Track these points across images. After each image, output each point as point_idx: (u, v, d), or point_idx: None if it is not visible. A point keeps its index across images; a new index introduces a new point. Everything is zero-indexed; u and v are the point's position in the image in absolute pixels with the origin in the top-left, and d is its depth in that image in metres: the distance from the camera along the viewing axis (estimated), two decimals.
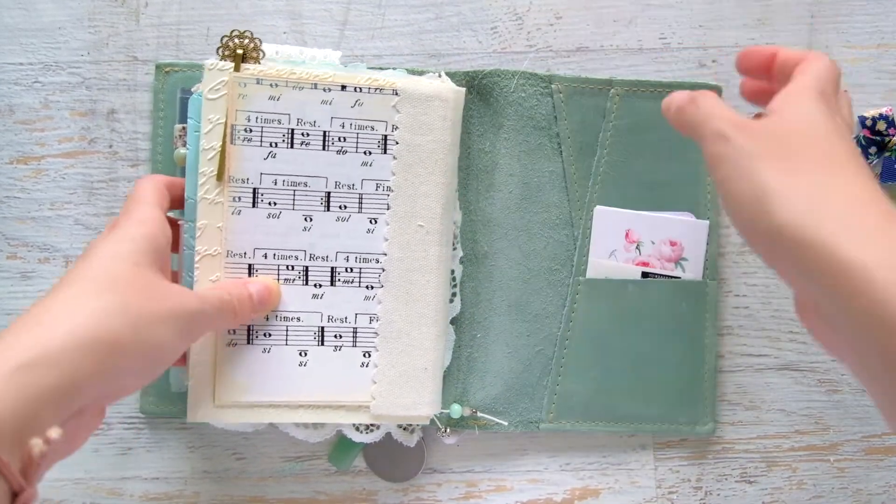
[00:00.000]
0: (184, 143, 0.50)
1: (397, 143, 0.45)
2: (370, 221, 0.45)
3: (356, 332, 0.45)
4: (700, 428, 0.51)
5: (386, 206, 0.45)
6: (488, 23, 0.52)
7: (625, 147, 0.50)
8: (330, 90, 0.44)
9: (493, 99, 0.50)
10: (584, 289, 0.50)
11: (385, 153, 0.45)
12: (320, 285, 0.45)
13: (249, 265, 0.43)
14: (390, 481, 0.51)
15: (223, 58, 0.43)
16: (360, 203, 0.45)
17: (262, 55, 0.43)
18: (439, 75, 0.48)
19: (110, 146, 0.51)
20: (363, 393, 0.46)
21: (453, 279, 0.49)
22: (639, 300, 0.50)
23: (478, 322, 0.50)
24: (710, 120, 0.33)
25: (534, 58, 0.52)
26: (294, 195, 0.44)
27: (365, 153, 0.45)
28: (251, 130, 0.43)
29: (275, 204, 0.44)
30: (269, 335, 0.44)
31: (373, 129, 0.45)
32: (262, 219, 0.44)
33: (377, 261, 0.45)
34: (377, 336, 0.46)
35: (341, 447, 0.50)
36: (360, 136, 0.44)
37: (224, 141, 0.42)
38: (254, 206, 0.43)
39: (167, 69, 0.50)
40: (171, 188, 0.42)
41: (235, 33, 0.42)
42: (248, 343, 0.44)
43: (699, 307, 0.50)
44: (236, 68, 0.42)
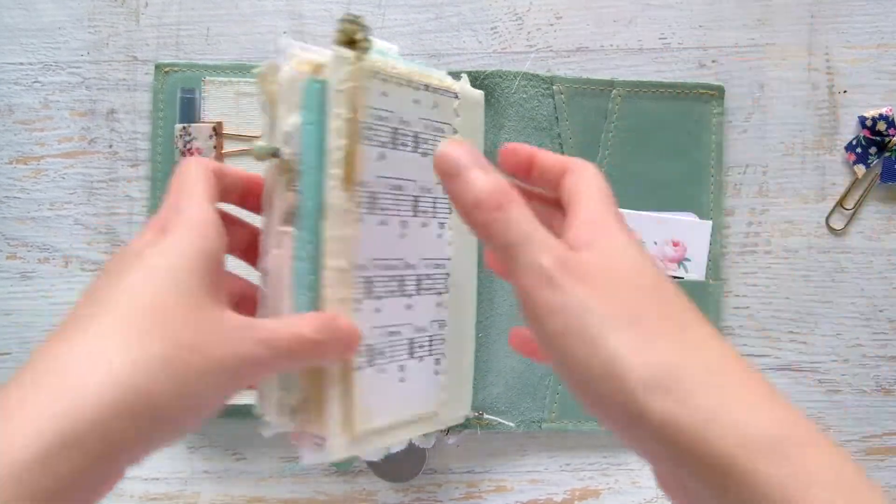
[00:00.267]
0: (184, 144, 0.50)
1: None
2: (440, 226, 0.44)
3: (432, 340, 0.43)
4: None
5: (449, 210, 0.43)
6: (488, 23, 0.52)
7: (626, 148, 0.50)
8: (420, 89, 0.41)
9: (494, 100, 0.50)
10: None
11: None
12: (410, 295, 0.42)
13: (368, 278, 0.38)
14: (390, 481, 0.51)
15: (339, 44, 0.36)
16: (435, 207, 0.43)
17: (371, 45, 0.37)
18: (459, 77, 0.46)
19: (110, 146, 0.51)
20: (435, 401, 0.44)
21: None
22: None
23: (479, 322, 0.50)
24: (528, 247, 0.27)
25: (534, 58, 0.52)
26: (397, 200, 0.40)
27: None
28: (372, 128, 0.38)
29: (385, 210, 0.39)
30: (384, 353, 0.40)
31: (443, 132, 0.43)
32: (374, 226, 0.39)
33: (444, 266, 0.44)
34: (443, 342, 0.44)
35: None
36: (436, 138, 0.42)
37: (352, 139, 0.37)
38: (371, 212, 0.39)
39: (167, 69, 0.50)
40: (221, 176, 0.34)
41: (349, 17, 0.36)
42: (369, 366, 0.39)
43: (701, 308, 0.49)
44: (359, 57, 0.36)
